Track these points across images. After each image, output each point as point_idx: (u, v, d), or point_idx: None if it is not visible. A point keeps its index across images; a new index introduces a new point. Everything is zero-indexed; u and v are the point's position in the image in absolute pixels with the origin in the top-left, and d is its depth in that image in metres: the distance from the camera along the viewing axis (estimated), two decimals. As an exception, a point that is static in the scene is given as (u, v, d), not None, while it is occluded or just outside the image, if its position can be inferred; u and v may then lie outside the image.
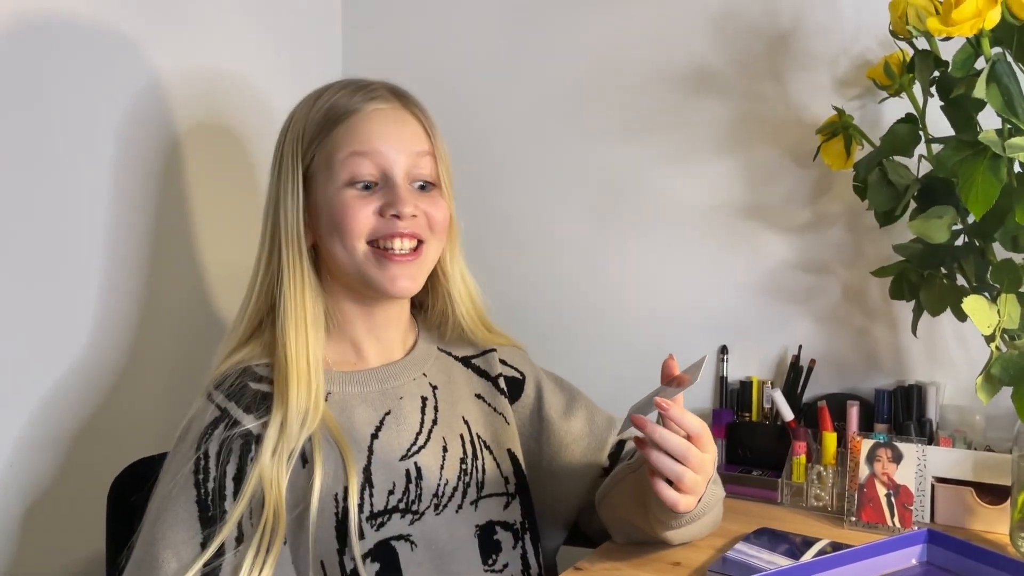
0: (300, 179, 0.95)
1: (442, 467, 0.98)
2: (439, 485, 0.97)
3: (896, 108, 1.15)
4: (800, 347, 1.28)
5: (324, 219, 0.95)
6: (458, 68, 1.52)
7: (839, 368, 1.27)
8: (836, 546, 0.99)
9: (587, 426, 1.08)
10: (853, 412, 1.21)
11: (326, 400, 0.94)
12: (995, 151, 0.86)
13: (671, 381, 0.89)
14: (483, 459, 1.02)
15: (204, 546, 0.84)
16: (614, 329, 1.42)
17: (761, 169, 1.31)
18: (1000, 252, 1.02)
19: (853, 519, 1.08)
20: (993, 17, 0.84)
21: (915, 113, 1.08)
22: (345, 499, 0.90)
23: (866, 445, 1.09)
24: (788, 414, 1.22)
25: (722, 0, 1.32)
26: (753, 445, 1.26)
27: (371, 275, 0.94)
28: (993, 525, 1.07)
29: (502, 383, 1.08)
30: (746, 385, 1.31)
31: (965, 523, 1.08)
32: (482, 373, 1.08)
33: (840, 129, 1.17)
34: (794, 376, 1.27)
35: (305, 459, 0.90)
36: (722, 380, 1.33)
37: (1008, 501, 1.05)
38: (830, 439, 1.17)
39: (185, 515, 0.85)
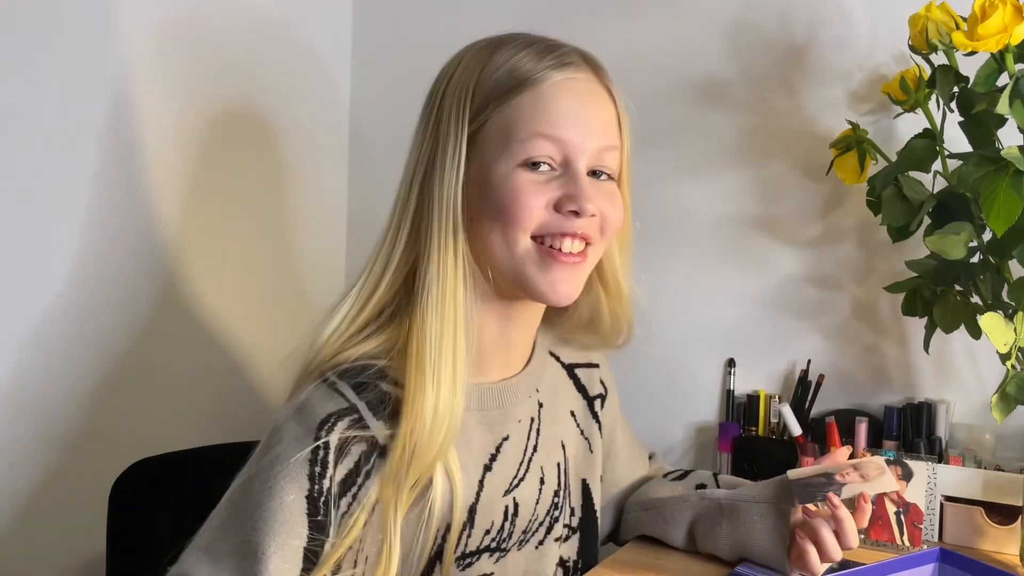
0: (463, 144, 0.80)
1: (537, 501, 0.89)
2: (530, 521, 0.89)
3: (910, 124, 1.15)
4: (809, 362, 1.27)
5: (486, 200, 0.79)
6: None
7: (848, 384, 1.26)
8: (844, 563, 0.98)
9: (625, 436, 1.07)
10: (862, 428, 1.20)
11: None
12: (1018, 167, 0.85)
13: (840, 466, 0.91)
14: (569, 490, 0.94)
15: (309, 555, 0.74)
16: (620, 339, 1.41)
17: (773, 182, 1.31)
18: (1016, 270, 1.01)
19: (862, 536, 1.07)
20: (1020, 33, 0.84)
21: (931, 128, 1.08)
22: (444, 537, 0.80)
23: (876, 462, 1.07)
24: (796, 429, 1.21)
25: (737, 13, 1.32)
26: (760, 460, 1.25)
27: (530, 275, 0.80)
28: (1002, 545, 1.06)
29: (597, 406, 0.99)
30: (753, 399, 1.30)
31: (974, 543, 1.07)
32: (581, 388, 0.98)
33: (854, 143, 1.16)
34: (802, 391, 1.26)
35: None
36: (729, 393, 1.32)
37: (1018, 521, 1.04)
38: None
39: (294, 508, 0.73)
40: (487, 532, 0.85)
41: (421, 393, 0.75)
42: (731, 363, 1.33)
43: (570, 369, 0.98)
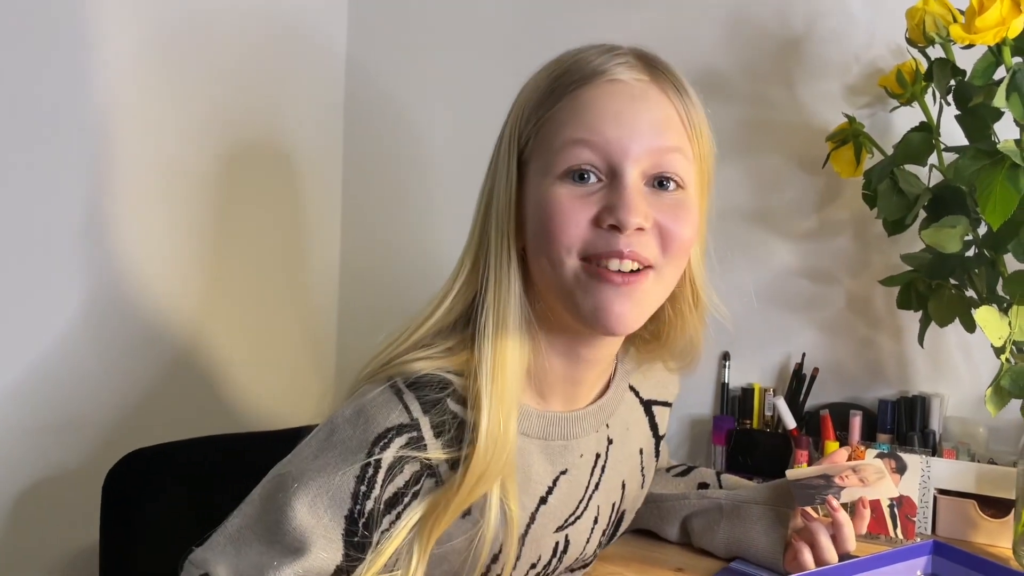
0: (515, 166, 0.75)
1: (587, 540, 0.86)
2: (577, 559, 0.86)
3: (906, 117, 1.15)
4: (803, 355, 1.27)
5: (531, 220, 0.74)
6: (463, 66, 1.50)
7: (842, 377, 1.26)
8: (838, 556, 0.98)
9: None
10: (855, 422, 1.20)
11: None
12: (1015, 160, 0.85)
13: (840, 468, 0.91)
14: (612, 524, 0.91)
15: (339, 571, 0.71)
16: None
17: (768, 175, 1.30)
18: (1011, 264, 1.01)
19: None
20: (1017, 26, 0.84)
21: (928, 122, 1.08)
22: (491, 564, 0.77)
23: (870, 455, 1.08)
24: (790, 422, 1.21)
25: (733, 5, 1.31)
26: (754, 453, 1.25)
27: (577, 300, 0.72)
28: (995, 538, 1.06)
29: (662, 444, 0.96)
30: (748, 392, 1.30)
31: (967, 536, 1.07)
32: (654, 427, 0.93)
33: (850, 137, 1.16)
34: (797, 384, 1.26)
35: (469, 508, 0.74)
36: (723, 387, 1.32)
37: (1010, 515, 1.04)
38: (832, 448, 1.16)
39: (331, 527, 0.70)
40: (532, 566, 0.82)
41: (481, 418, 0.71)
42: (726, 356, 1.33)
43: (647, 406, 0.92)
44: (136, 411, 1.19)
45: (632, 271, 0.71)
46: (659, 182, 0.73)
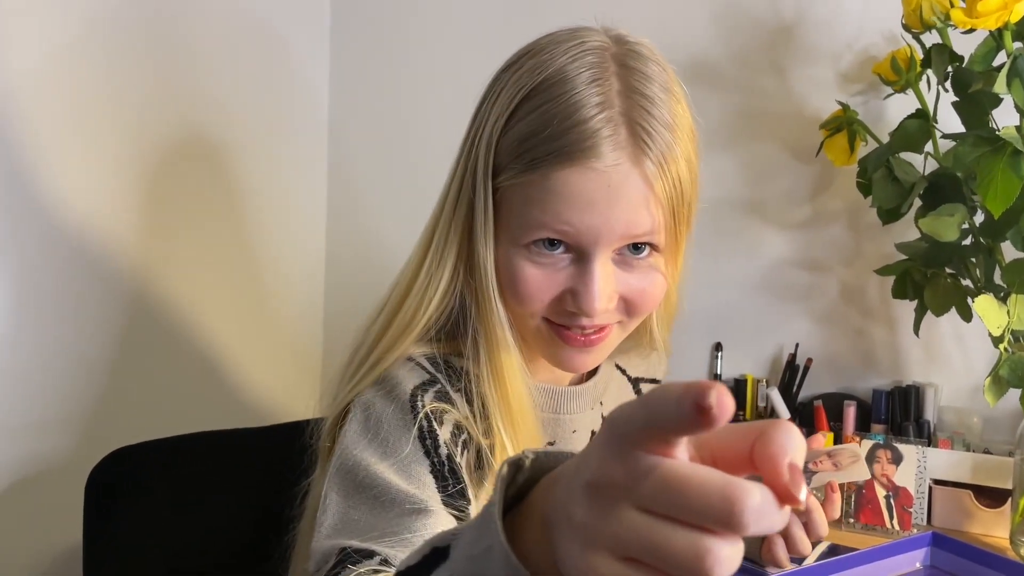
0: (491, 206, 0.73)
1: None
2: None
3: (900, 104, 1.14)
4: (797, 345, 1.26)
5: (501, 267, 0.74)
6: (451, 58, 1.48)
7: (836, 368, 1.26)
8: (834, 548, 0.97)
9: None
10: (850, 412, 1.19)
11: None
12: (1016, 147, 0.84)
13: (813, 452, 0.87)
14: None
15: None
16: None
17: (761, 164, 1.29)
18: (1009, 252, 1.00)
19: (851, 520, 1.07)
20: (1020, 10, 0.82)
21: (923, 109, 1.07)
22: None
23: (865, 445, 1.07)
24: (784, 413, 1.20)
25: (725, -9, 1.30)
26: (747, 444, 1.24)
27: (543, 351, 0.77)
28: (991, 528, 1.06)
29: None
30: (740, 383, 1.29)
31: (963, 526, 1.07)
32: None
33: (844, 124, 1.15)
34: (790, 375, 1.25)
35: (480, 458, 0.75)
36: (716, 378, 1.31)
37: (1006, 504, 1.04)
38: (826, 439, 1.15)
39: (428, 489, 0.69)
40: None
41: (482, 370, 0.75)
42: (718, 347, 1.31)
43: (635, 383, 0.94)
44: (118, 408, 1.17)
45: (597, 333, 0.73)
46: (633, 247, 0.72)
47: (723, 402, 0.32)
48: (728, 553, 0.33)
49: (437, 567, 0.43)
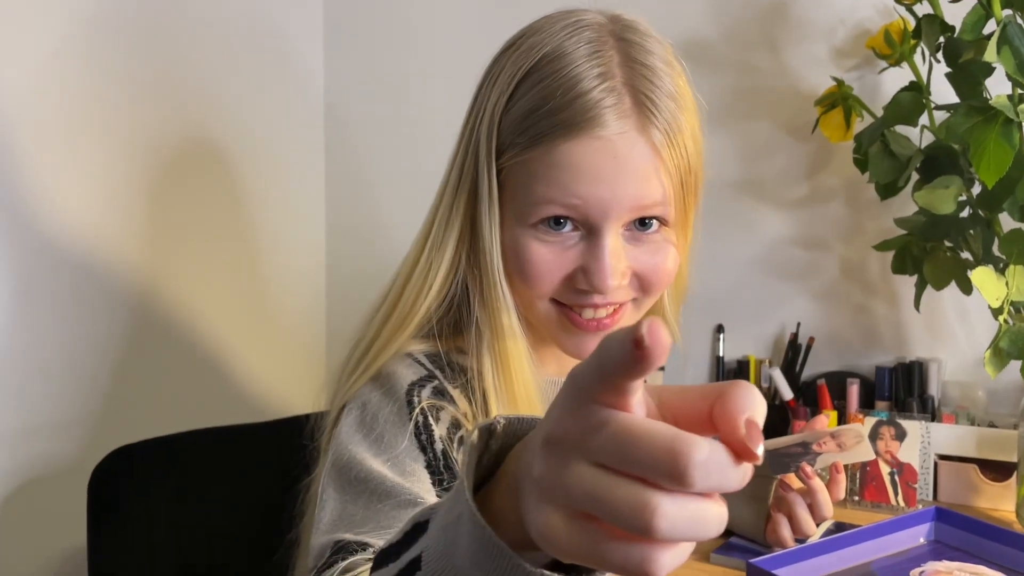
0: (495, 189, 0.72)
1: None
2: None
3: (895, 78, 1.13)
4: (798, 324, 1.25)
5: (506, 254, 0.73)
6: (449, 53, 1.47)
7: (838, 345, 1.25)
8: (840, 526, 0.97)
9: None
10: (853, 390, 1.18)
11: None
12: (1008, 115, 0.83)
13: (816, 435, 0.87)
14: None
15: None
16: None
17: (757, 143, 1.28)
18: (1007, 223, 0.99)
19: (856, 498, 1.06)
20: (1007, -23, 0.81)
21: (917, 81, 1.06)
22: None
23: (869, 423, 1.06)
24: (787, 393, 1.19)
25: (716, -31, 1.28)
26: (751, 425, 1.24)
27: (555, 336, 0.75)
28: (997, 502, 1.05)
29: None
30: (743, 364, 1.28)
31: (969, 500, 1.06)
32: None
33: (840, 100, 1.14)
34: (792, 354, 1.24)
35: None
36: (719, 359, 1.30)
37: (1013, 477, 1.03)
38: (830, 419, 1.15)
39: (423, 485, 0.69)
40: None
41: (484, 365, 0.74)
42: (720, 328, 1.31)
43: None
44: (120, 407, 1.17)
45: (609, 314, 0.73)
46: (640, 222, 0.71)
47: (656, 335, 0.31)
48: (673, 509, 0.32)
49: (416, 541, 0.44)
